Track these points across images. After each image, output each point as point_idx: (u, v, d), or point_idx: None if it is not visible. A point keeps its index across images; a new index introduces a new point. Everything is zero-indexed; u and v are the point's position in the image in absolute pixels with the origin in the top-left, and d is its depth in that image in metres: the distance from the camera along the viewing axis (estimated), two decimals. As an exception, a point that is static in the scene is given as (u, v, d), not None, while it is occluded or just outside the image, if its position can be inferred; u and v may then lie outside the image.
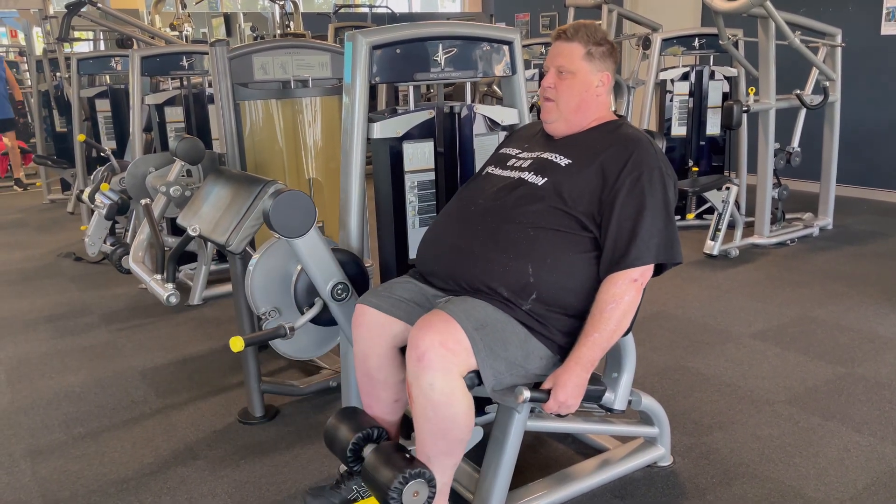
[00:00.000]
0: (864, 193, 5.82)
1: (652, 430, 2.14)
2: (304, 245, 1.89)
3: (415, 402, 1.63)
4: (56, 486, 2.18)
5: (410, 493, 1.61)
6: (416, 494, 1.62)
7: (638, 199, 1.68)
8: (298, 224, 1.85)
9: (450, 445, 1.67)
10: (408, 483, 1.60)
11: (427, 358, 1.57)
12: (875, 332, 3.08)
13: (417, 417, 1.65)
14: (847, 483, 2.04)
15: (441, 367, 1.57)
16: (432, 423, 1.63)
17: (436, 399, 1.59)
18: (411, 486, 1.61)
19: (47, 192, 6.91)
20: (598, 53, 1.82)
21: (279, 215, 1.82)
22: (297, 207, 1.85)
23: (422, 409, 1.62)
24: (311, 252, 1.90)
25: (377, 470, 1.66)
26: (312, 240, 1.90)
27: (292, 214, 1.84)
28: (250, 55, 2.77)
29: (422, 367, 1.58)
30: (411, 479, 1.61)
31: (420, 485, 1.62)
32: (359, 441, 1.77)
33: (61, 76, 6.10)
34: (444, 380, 1.58)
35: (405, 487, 1.60)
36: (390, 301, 1.80)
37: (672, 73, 5.00)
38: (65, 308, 3.83)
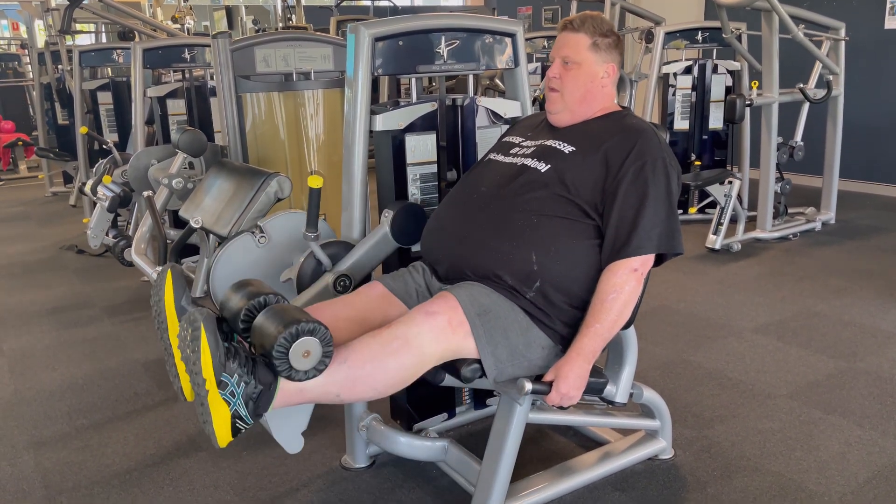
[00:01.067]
0: (866, 188, 5.81)
1: (653, 423, 2.14)
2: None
3: (384, 333, 1.56)
4: (59, 477, 2.19)
5: (300, 351, 1.39)
6: (307, 354, 1.40)
7: (641, 188, 1.68)
8: (413, 233, 2.03)
9: (361, 377, 1.53)
10: (298, 338, 1.38)
11: (434, 320, 1.58)
12: (877, 327, 3.08)
13: (370, 338, 1.55)
14: (848, 477, 2.04)
15: (435, 334, 1.58)
16: (374, 352, 1.54)
17: (403, 347, 1.54)
18: (302, 342, 1.38)
19: (49, 185, 6.91)
20: (604, 45, 1.82)
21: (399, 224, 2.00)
22: (415, 219, 2.03)
23: (383, 340, 1.55)
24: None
25: (264, 325, 1.43)
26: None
27: (411, 225, 2.01)
28: (252, 47, 2.77)
29: (425, 319, 1.58)
30: (303, 335, 1.38)
31: (312, 343, 1.40)
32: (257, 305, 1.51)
33: (63, 69, 6.10)
34: (428, 341, 1.57)
35: (295, 343, 1.38)
36: (404, 288, 1.83)
37: (675, 67, 4.99)
38: (67, 300, 3.84)
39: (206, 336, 1.37)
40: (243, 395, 1.41)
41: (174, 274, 1.57)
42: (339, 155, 2.27)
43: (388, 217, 2.02)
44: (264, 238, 2.13)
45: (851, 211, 5.15)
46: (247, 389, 1.42)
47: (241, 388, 1.41)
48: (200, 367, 1.38)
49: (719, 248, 4.22)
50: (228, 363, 1.40)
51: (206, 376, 1.38)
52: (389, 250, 2.06)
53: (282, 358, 1.39)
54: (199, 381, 1.39)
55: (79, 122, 5.41)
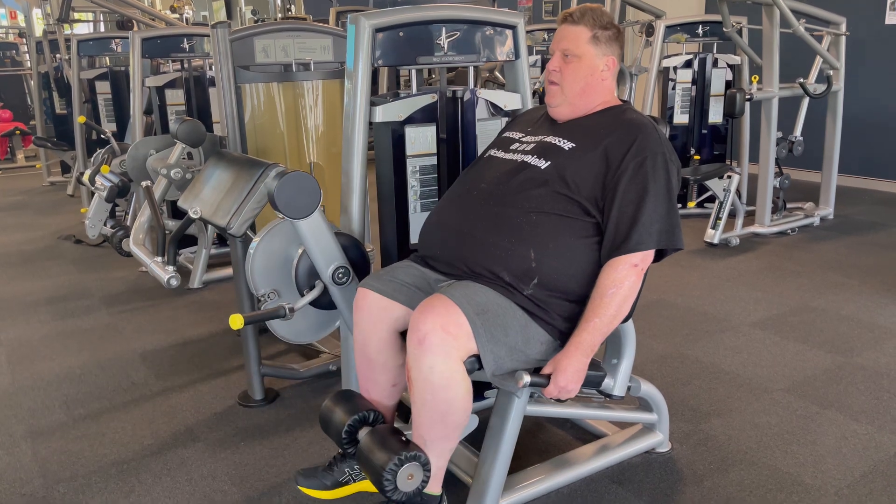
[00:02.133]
0: (865, 184, 5.81)
1: (651, 417, 2.14)
2: (307, 227, 1.88)
3: (414, 385, 1.63)
4: (56, 467, 2.19)
5: (405, 475, 1.61)
6: (411, 477, 1.61)
7: (641, 183, 1.68)
8: (303, 205, 1.85)
9: (447, 430, 1.68)
10: (403, 465, 1.60)
11: (428, 341, 1.57)
12: (874, 322, 3.09)
13: (416, 400, 1.65)
14: (844, 471, 2.05)
15: (441, 351, 1.58)
16: (430, 407, 1.63)
17: (435, 382, 1.60)
18: (406, 468, 1.60)
19: (47, 175, 6.89)
20: (604, 37, 1.81)
21: (284, 195, 1.82)
22: (302, 188, 1.84)
23: (420, 392, 1.62)
24: (314, 234, 1.90)
25: (372, 451, 1.65)
26: (316, 222, 1.89)
27: (298, 195, 1.84)
28: (252, 38, 2.76)
29: (422, 351, 1.58)
30: (406, 462, 1.60)
31: (415, 468, 1.62)
32: (354, 423, 1.77)
33: (61, 58, 6.07)
34: (444, 363, 1.58)
35: (400, 470, 1.60)
36: (392, 285, 1.80)
37: (675, 61, 4.98)
38: (65, 290, 3.83)
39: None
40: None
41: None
42: (339, 146, 2.26)
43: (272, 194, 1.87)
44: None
45: (850, 206, 5.15)
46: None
47: None
48: None
49: (718, 242, 4.22)
50: None
51: None
52: (321, 225, 1.93)
53: (391, 484, 1.60)
54: None
55: (77, 112, 5.39)
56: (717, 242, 4.22)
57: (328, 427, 1.83)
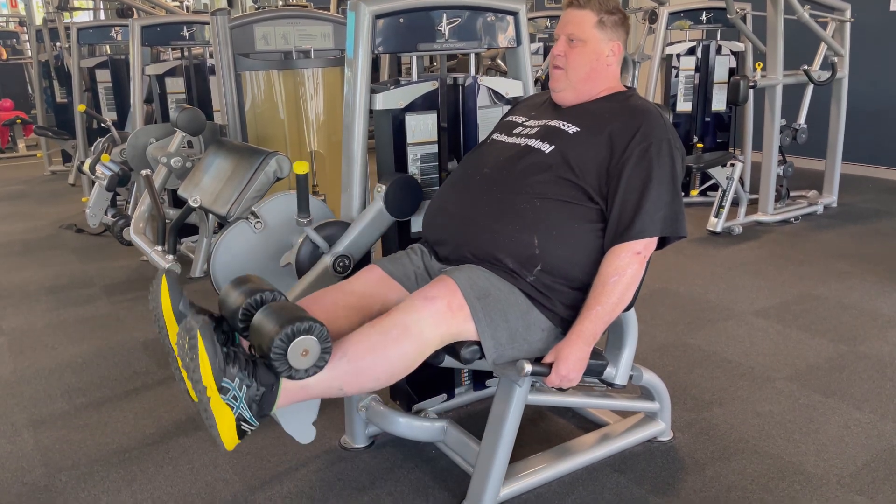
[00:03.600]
0: (869, 172, 5.78)
1: (652, 406, 2.14)
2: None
3: (386, 320, 1.55)
4: (58, 455, 2.19)
5: (299, 350, 1.39)
6: (306, 353, 1.40)
7: (645, 170, 1.66)
8: (409, 207, 2.01)
9: (368, 367, 1.53)
10: (296, 337, 1.38)
11: (433, 305, 1.57)
12: (878, 311, 3.08)
13: (373, 330, 1.54)
14: (847, 460, 2.05)
15: (435, 319, 1.57)
16: (377, 341, 1.53)
17: (403, 334, 1.53)
18: (300, 341, 1.38)
19: (48, 164, 6.88)
20: (609, 22, 1.79)
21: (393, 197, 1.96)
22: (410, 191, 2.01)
23: (385, 328, 1.54)
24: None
25: (261, 326, 1.42)
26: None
27: (406, 197, 1.99)
28: (252, 25, 2.75)
29: (425, 304, 1.57)
30: (300, 334, 1.38)
31: (311, 342, 1.39)
32: (255, 303, 1.50)
33: (61, 46, 6.05)
34: (428, 327, 1.56)
35: (293, 342, 1.38)
36: (403, 270, 1.82)
37: (678, 48, 4.95)
38: (66, 279, 3.83)
39: (204, 344, 1.37)
40: (246, 398, 1.41)
41: (169, 280, 1.55)
42: (339, 134, 2.24)
43: (381, 191, 2.00)
44: (260, 224, 2.12)
45: (854, 194, 5.13)
46: (249, 392, 1.42)
47: (244, 392, 1.41)
48: (200, 374, 1.38)
49: (720, 230, 4.21)
50: (228, 368, 1.39)
51: (207, 383, 1.38)
52: (385, 226, 2.04)
53: (280, 359, 1.39)
54: (200, 388, 1.39)
55: (77, 101, 5.37)
56: (720, 231, 4.21)
57: (223, 308, 1.57)
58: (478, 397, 2.40)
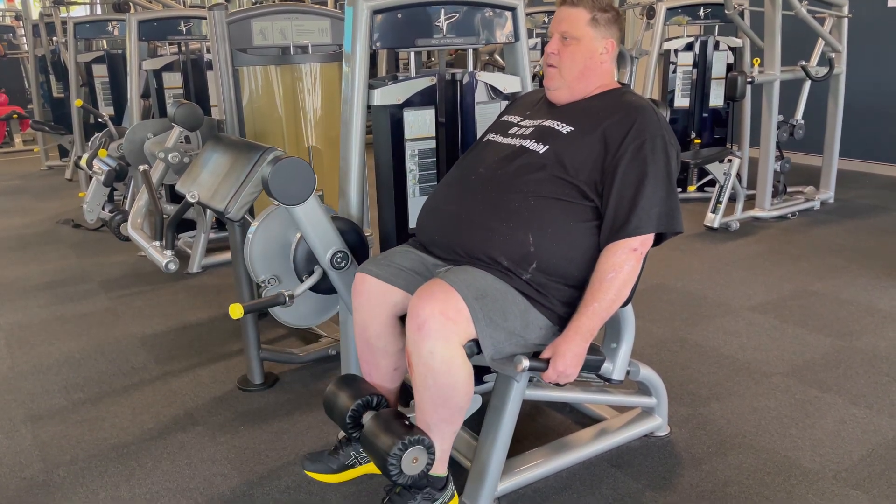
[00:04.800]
0: (866, 167, 5.79)
1: (649, 401, 2.15)
2: (303, 212, 1.87)
3: (415, 370, 1.63)
4: (56, 451, 2.19)
5: (410, 459, 1.61)
6: (416, 461, 1.62)
7: (640, 167, 1.67)
8: (298, 191, 1.84)
9: (449, 413, 1.68)
10: (407, 449, 1.60)
11: (427, 326, 1.57)
12: (874, 306, 3.09)
13: (417, 385, 1.65)
14: (843, 454, 2.06)
15: (441, 336, 1.57)
16: (432, 391, 1.63)
17: (436, 367, 1.59)
18: (411, 452, 1.61)
19: (45, 159, 6.87)
20: (603, 20, 1.79)
21: (278, 182, 1.80)
22: (296, 174, 1.83)
23: (422, 378, 1.62)
24: (310, 219, 1.89)
25: (377, 436, 1.66)
26: (312, 207, 1.88)
27: (292, 181, 1.82)
28: (249, 20, 2.73)
29: (422, 336, 1.58)
30: (411, 446, 1.61)
31: (419, 451, 1.62)
32: (358, 408, 1.77)
33: (58, 41, 6.03)
34: (444, 348, 1.58)
35: (405, 453, 1.60)
36: (390, 270, 1.79)
37: (676, 44, 4.94)
38: (64, 275, 3.83)
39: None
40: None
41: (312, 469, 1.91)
42: (337, 130, 2.23)
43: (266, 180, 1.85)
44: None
45: (851, 190, 5.14)
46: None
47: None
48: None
49: (718, 226, 4.22)
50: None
51: None
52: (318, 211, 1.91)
53: (396, 472, 1.61)
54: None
55: (74, 96, 5.36)
56: (718, 226, 4.22)
57: (332, 411, 1.82)
58: (475, 393, 2.40)
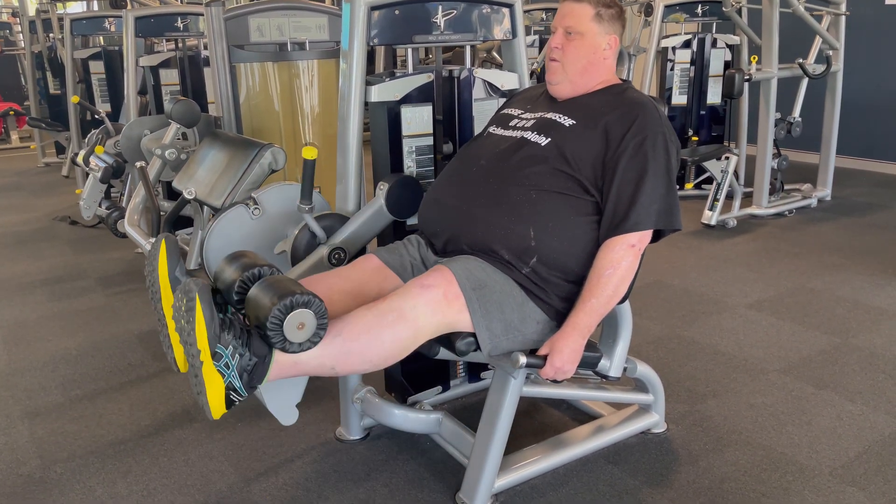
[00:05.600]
0: (863, 165, 5.80)
1: (646, 398, 2.15)
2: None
3: (382, 304, 1.55)
4: (53, 447, 2.19)
5: (295, 323, 1.39)
6: (302, 327, 1.40)
7: (640, 163, 1.67)
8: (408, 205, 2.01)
9: (357, 352, 1.53)
10: (292, 310, 1.38)
11: (431, 292, 1.57)
12: (871, 304, 3.09)
13: (368, 313, 1.54)
14: (839, 451, 2.06)
15: (431, 307, 1.57)
16: (369, 325, 1.53)
17: (399, 317, 1.53)
18: (296, 314, 1.38)
19: (42, 156, 6.85)
20: (607, 15, 1.79)
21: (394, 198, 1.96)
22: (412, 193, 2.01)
23: (380, 313, 1.54)
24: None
25: (258, 296, 1.43)
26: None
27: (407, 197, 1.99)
28: (246, 16, 2.73)
29: (421, 291, 1.57)
30: (297, 307, 1.38)
31: (307, 315, 1.39)
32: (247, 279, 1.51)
33: (54, 37, 6.01)
34: (424, 314, 1.56)
35: (289, 315, 1.38)
36: (400, 260, 1.82)
37: (674, 41, 4.95)
38: (61, 271, 3.82)
39: (202, 307, 1.36)
40: (238, 367, 1.41)
41: (168, 244, 1.56)
42: (335, 126, 2.23)
43: (383, 189, 2.00)
44: (258, 210, 2.12)
45: (848, 188, 5.15)
46: (241, 361, 1.42)
47: (236, 360, 1.41)
48: (195, 338, 1.37)
49: (715, 223, 4.22)
50: (223, 335, 1.39)
51: (201, 347, 1.37)
52: (384, 223, 2.04)
53: (276, 330, 1.39)
54: (193, 353, 1.39)
55: (70, 92, 5.35)
56: (715, 224, 4.22)
57: (218, 281, 1.57)
58: (473, 389, 2.40)
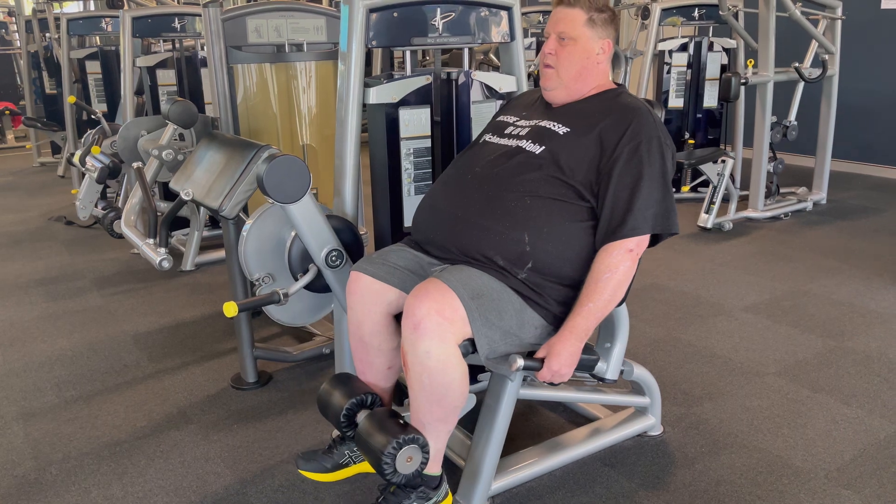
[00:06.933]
0: (858, 169, 5.82)
1: (643, 400, 2.15)
2: (298, 211, 1.87)
3: (410, 369, 1.63)
4: (48, 448, 2.18)
5: (404, 458, 1.61)
6: (410, 460, 1.62)
7: (636, 168, 1.67)
8: (293, 189, 1.84)
9: (444, 412, 1.68)
10: (402, 448, 1.60)
11: (423, 326, 1.57)
12: (866, 307, 3.10)
13: (412, 384, 1.65)
14: (834, 454, 2.07)
15: (437, 335, 1.57)
16: (427, 390, 1.63)
17: (431, 366, 1.60)
18: (405, 451, 1.61)
19: (37, 156, 6.84)
20: (599, 20, 1.79)
21: (273, 180, 1.80)
22: (291, 172, 1.83)
23: (417, 376, 1.62)
24: (305, 218, 1.89)
25: (371, 435, 1.65)
26: (306, 206, 1.88)
27: (287, 179, 1.82)
28: (244, 17, 2.73)
29: (418, 335, 1.58)
30: (405, 445, 1.61)
31: (414, 450, 1.62)
32: (352, 406, 1.77)
33: (51, 37, 6.00)
34: (439, 347, 1.58)
35: (399, 452, 1.60)
36: (385, 268, 1.79)
37: (670, 44, 4.96)
38: (56, 272, 3.81)
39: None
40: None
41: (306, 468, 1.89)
42: (332, 128, 2.23)
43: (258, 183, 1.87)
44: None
45: (843, 191, 5.16)
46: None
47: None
48: None
49: (711, 227, 4.23)
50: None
51: None
52: (313, 211, 1.92)
53: (390, 471, 1.62)
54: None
55: (67, 92, 5.34)
56: (711, 227, 4.23)
57: (326, 410, 1.82)
58: (469, 391, 2.40)
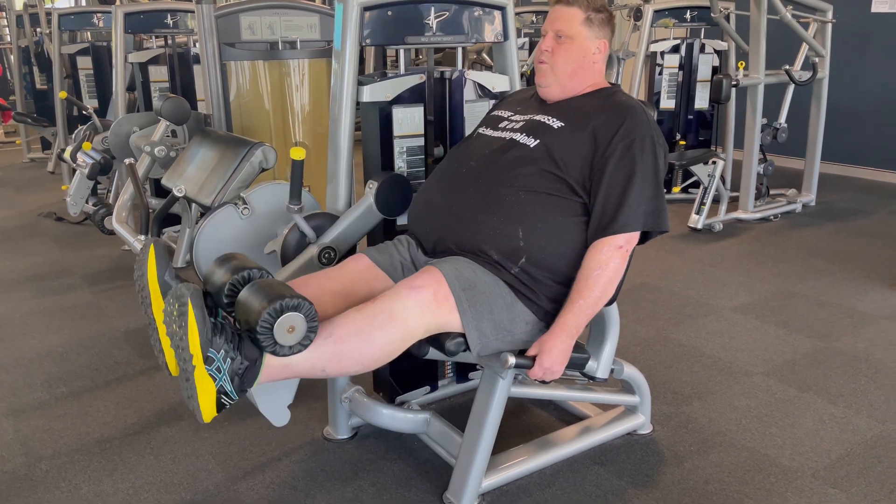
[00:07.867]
0: (848, 171, 5.86)
1: (633, 399, 2.17)
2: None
3: (371, 307, 1.55)
4: (38, 445, 2.18)
5: (285, 327, 1.40)
6: (292, 330, 1.41)
7: (628, 165, 1.68)
8: (396, 205, 2.02)
9: (351, 351, 1.54)
10: (284, 313, 1.38)
11: (420, 294, 1.58)
12: (854, 308, 3.13)
13: (356, 312, 1.55)
14: (821, 453, 2.09)
15: (421, 308, 1.57)
16: (359, 327, 1.53)
17: (389, 319, 1.54)
18: (286, 318, 1.38)
19: (27, 151, 6.79)
20: (597, 20, 1.81)
21: (382, 196, 1.97)
22: (401, 189, 2.01)
23: (369, 314, 1.55)
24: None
25: (248, 300, 1.43)
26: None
27: (394, 195, 1.99)
28: (237, 14, 2.73)
29: (410, 293, 1.58)
30: (288, 310, 1.38)
31: (297, 319, 1.40)
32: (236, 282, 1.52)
33: (42, 32, 5.96)
34: (414, 316, 1.56)
35: (279, 318, 1.38)
36: (390, 261, 1.82)
37: (662, 46, 4.98)
38: (46, 268, 3.79)
39: (194, 311, 1.37)
40: (229, 371, 1.42)
41: (157, 248, 1.56)
42: (325, 126, 2.24)
43: (372, 188, 2.00)
44: (248, 210, 2.12)
45: (832, 193, 5.20)
46: (233, 365, 1.42)
47: (227, 364, 1.42)
48: (187, 342, 1.38)
49: (701, 227, 4.25)
50: (215, 339, 1.40)
51: (193, 352, 1.38)
52: (374, 222, 2.05)
53: (266, 333, 1.39)
54: (185, 357, 1.39)
55: (58, 87, 5.31)
56: (701, 227, 4.26)
57: (208, 284, 1.57)
58: (461, 389, 2.41)
